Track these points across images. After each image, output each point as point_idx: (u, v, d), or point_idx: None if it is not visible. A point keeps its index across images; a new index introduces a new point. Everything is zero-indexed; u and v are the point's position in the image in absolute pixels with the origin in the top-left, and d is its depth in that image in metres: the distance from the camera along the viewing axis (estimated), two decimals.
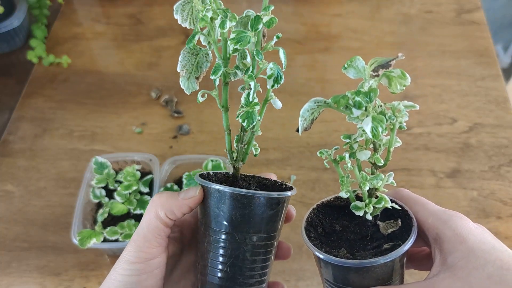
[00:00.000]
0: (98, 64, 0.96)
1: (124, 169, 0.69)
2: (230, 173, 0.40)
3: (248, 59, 0.35)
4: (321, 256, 0.34)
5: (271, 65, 0.33)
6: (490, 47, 0.94)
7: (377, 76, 0.31)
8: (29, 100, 0.89)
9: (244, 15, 0.34)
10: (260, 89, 0.35)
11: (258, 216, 0.36)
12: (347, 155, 0.34)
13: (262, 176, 0.41)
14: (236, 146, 0.37)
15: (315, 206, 0.39)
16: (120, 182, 0.68)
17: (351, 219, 0.37)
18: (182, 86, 0.36)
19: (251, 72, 0.33)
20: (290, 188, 0.39)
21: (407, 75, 0.32)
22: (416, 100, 0.86)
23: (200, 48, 0.35)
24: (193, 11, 0.33)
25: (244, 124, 0.33)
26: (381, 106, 0.32)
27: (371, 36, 0.98)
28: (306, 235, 0.36)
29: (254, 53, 0.33)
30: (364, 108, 0.30)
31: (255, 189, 0.38)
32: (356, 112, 0.30)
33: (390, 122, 0.31)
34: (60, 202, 0.74)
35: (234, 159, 0.38)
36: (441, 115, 0.83)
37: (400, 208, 0.36)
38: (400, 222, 0.35)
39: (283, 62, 0.34)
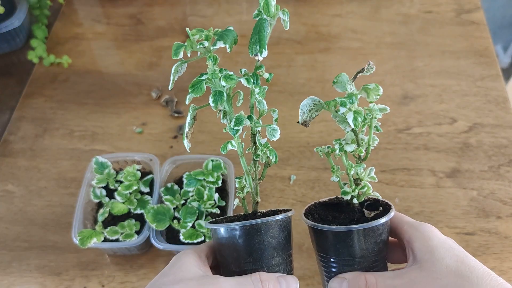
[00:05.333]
0: (98, 64, 0.96)
1: (125, 169, 0.69)
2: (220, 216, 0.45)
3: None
4: (316, 227, 0.41)
5: (276, 110, 0.42)
6: (489, 47, 0.94)
7: (355, 78, 0.41)
8: (29, 100, 0.89)
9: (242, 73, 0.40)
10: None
11: (275, 239, 0.41)
12: (337, 147, 0.43)
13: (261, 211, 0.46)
14: (254, 183, 0.43)
15: (312, 203, 0.46)
16: (121, 182, 0.69)
17: (341, 213, 0.44)
18: (184, 145, 0.44)
19: (256, 121, 0.40)
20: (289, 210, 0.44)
21: (380, 87, 0.41)
22: (416, 100, 0.86)
23: (195, 107, 0.42)
24: (177, 73, 0.39)
25: (273, 159, 0.41)
26: (362, 110, 0.41)
27: (371, 36, 0.98)
28: (305, 217, 0.43)
29: (257, 102, 0.41)
30: (347, 107, 0.39)
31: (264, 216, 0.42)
32: (342, 109, 0.40)
33: (366, 117, 0.40)
34: (60, 202, 0.75)
35: (255, 194, 0.43)
36: (441, 115, 0.83)
37: (381, 201, 0.44)
38: (381, 209, 0.43)
39: (277, 120, 0.42)
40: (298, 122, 0.42)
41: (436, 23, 1.00)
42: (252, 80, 0.38)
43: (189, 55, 0.37)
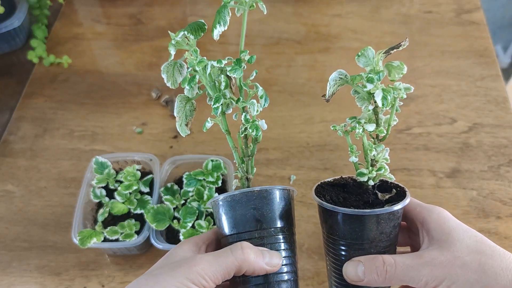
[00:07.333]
0: (98, 64, 0.96)
1: (125, 169, 0.69)
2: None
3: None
4: (335, 209, 0.39)
5: (260, 88, 0.42)
6: (489, 47, 0.94)
7: (389, 54, 0.39)
8: (29, 100, 0.89)
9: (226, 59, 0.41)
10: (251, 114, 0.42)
11: (277, 208, 0.41)
12: (357, 126, 0.41)
13: None
14: (243, 160, 0.43)
15: (318, 183, 0.44)
16: (121, 182, 0.69)
17: (350, 194, 0.42)
18: (178, 129, 0.43)
19: (242, 100, 0.41)
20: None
21: (405, 65, 0.39)
22: (416, 100, 0.86)
23: (189, 98, 0.42)
24: (173, 74, 0.41)
25: (254, 133, 0.41)
26: (390, 88, 0.40)
27: (370, 36, 0.98)
28: (318, 198, 0.42)
29: (242, 85, 0.42)
30: (374, 84, 0.38)
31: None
32: (369, 86, 0.38)
33: (394, 96, 0.39)
34: (60, 202, 0.75)
35: (246, 171, 0.43)
36: (440, 115, 0.83)
37: (389, 183, 0.43)
38: (395, 191, 0.42)
39: (263, 97, 0.42)
40: (323, 96, 0.41)
41: (436, 23, 1.00)
42: (224, 61, 0.40)
43: (173, 52, 0.40)
